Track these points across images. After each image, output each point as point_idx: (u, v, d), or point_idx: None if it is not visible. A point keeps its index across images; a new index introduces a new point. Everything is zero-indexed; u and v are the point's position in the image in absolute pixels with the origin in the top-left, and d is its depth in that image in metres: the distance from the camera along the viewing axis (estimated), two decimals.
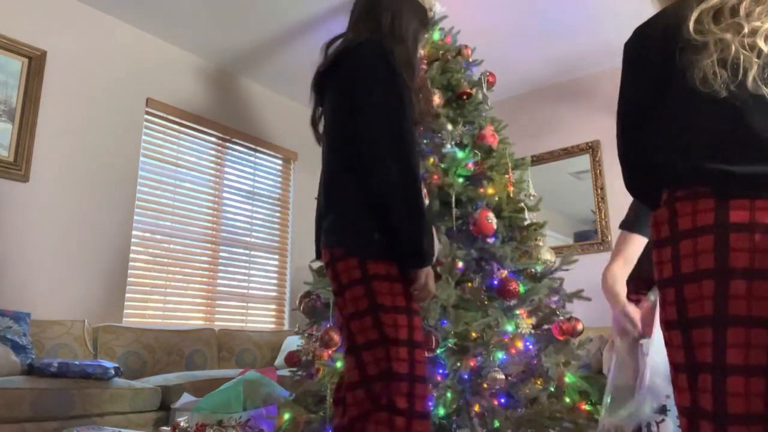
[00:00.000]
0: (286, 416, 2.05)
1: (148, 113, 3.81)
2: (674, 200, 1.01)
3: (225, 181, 4.27)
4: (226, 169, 4.30)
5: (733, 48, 0.98)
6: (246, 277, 4.29)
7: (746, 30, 0.98)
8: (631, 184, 1.19)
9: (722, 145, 0.98)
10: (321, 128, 1.53)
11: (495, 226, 2.15)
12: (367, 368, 1.23)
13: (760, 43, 0.98)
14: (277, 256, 4.55)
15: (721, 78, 0.98)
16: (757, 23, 0.98)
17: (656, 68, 1.09)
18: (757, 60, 0.97)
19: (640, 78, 1.13)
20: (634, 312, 1.66)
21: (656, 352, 1.45)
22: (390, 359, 1.21)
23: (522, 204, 2.38)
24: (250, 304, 4.30)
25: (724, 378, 0.90)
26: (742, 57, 0.97)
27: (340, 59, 1.44)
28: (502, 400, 1.96)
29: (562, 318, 2.19)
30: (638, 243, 1.81)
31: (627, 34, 1.17)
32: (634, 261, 1.83)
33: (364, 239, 1.29)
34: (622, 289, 1.75)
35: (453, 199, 2.25)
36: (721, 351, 0.90)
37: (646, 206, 1.17)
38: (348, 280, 1.29)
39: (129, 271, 3.55)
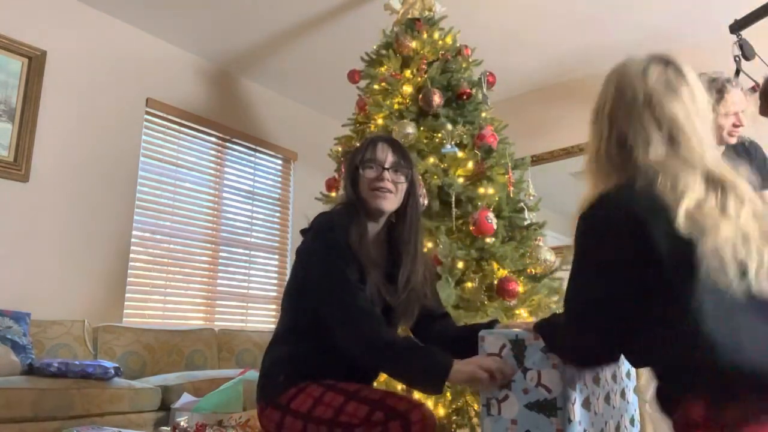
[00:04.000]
0: None
1: (148, 113, 3.81)
2: (730, 420, 0.84)
3: (225, 181, 4.27)
4: (226, 169, 4.30)
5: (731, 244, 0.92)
6: (246, 277, 4.29)
7: (741, 228, 0.93)
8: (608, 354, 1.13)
9: None
10: None
11: (495, 226, 2.15)
12: None
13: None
14: (277, 256, 4.55)
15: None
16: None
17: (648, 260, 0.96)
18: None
19: (625, 271, 0.99)
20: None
21: None
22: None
23: (522, 204, 2.38)
24: (250, 304, 4.30)
25: None
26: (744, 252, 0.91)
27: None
28: None
29: None
30: None
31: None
32: None
33: (271, 385, 1.38)
34: None
35: (453, 199, 2.25)
36: None
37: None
38: (276, 428, 1.33)
39: (129, 271, 3.55)
